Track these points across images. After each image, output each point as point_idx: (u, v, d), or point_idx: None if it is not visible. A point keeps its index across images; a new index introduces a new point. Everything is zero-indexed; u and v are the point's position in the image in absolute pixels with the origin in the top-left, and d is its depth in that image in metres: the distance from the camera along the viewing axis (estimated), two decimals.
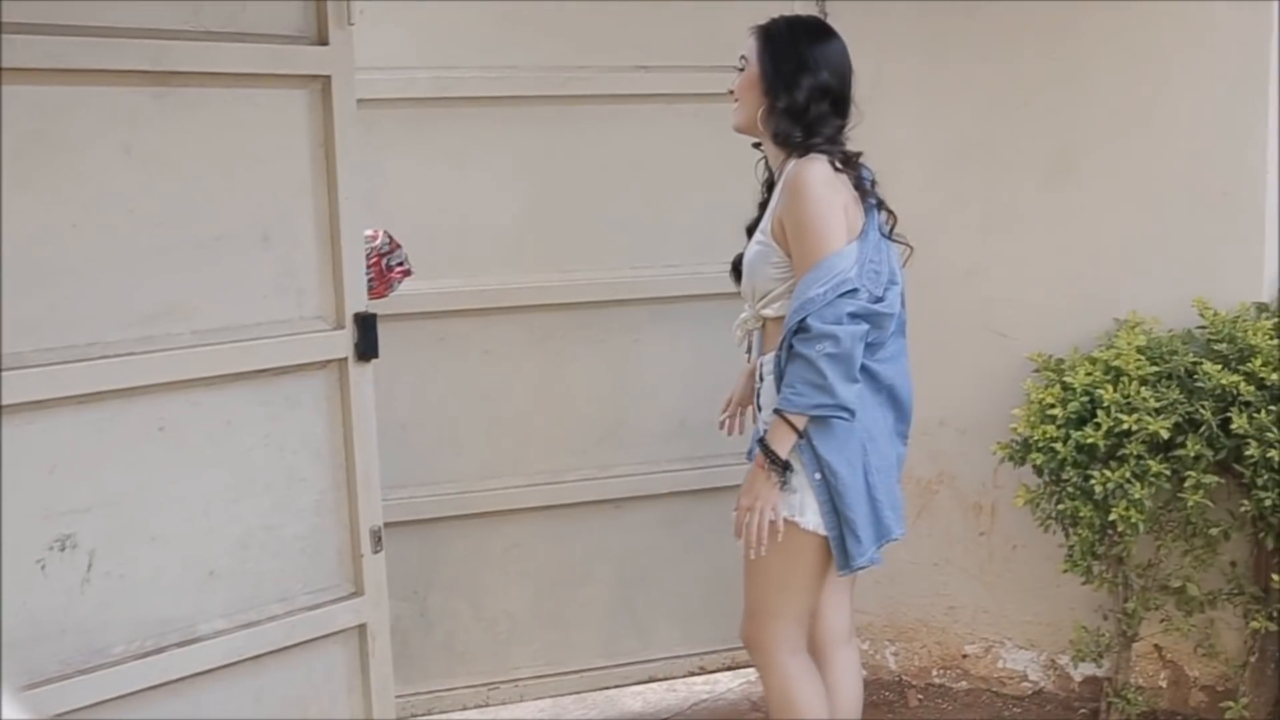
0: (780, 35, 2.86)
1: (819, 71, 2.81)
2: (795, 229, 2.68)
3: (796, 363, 2.62)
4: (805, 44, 2.84)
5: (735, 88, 2.89)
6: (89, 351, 2.37)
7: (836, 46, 2.88)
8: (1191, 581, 3.42)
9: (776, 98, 2.80)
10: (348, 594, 2.77)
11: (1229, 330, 3.37)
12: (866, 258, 2.72)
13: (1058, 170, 3.69)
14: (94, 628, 2.43)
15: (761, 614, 2.82)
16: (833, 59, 2.85)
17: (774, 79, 2.81)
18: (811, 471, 2.67)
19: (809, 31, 2.89)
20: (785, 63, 2.82)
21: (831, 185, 2.71)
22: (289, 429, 2.66)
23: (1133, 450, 3.21)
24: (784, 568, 2.75)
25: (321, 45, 2.59)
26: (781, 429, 2.65)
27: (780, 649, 2.81)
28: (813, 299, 2.60)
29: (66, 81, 2.29)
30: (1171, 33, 3.57)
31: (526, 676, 3.86)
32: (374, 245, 3.02)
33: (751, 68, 2.85)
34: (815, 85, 2.80)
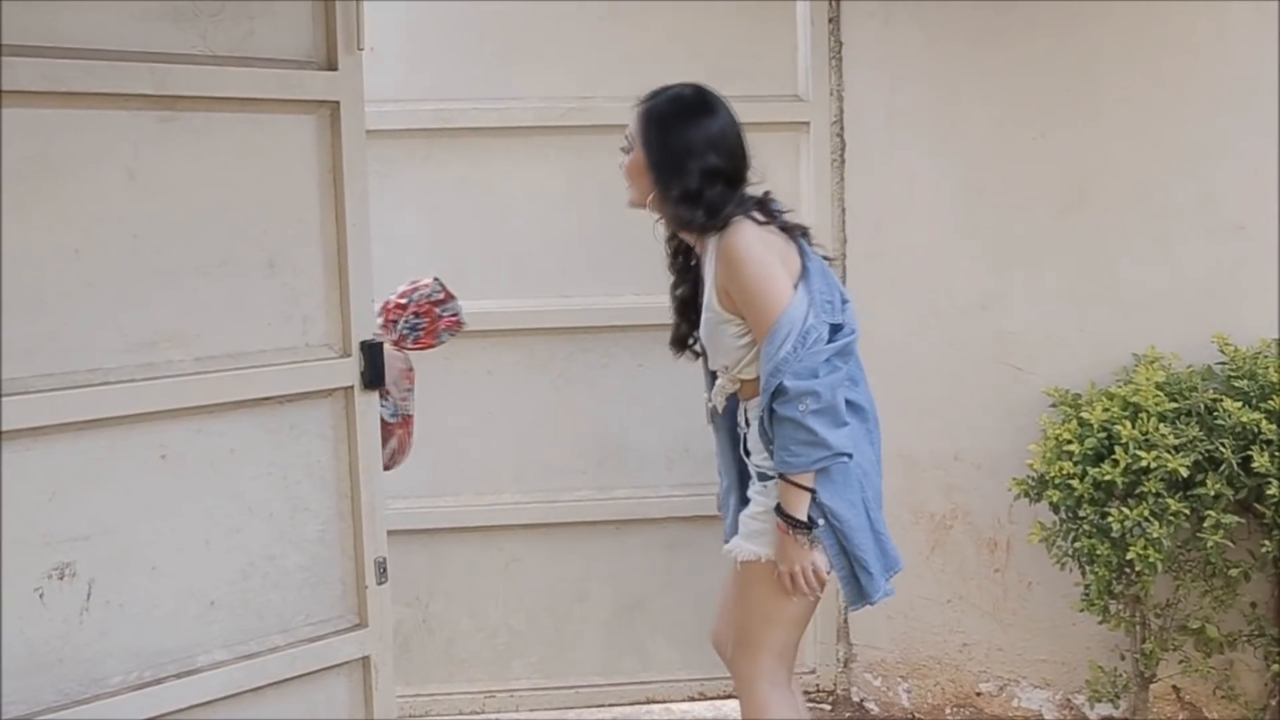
0: (660, 121, 2.79)
1: (706, 155, 2.75)
2: (742, 297, 2.70)
3: (784, 425, 2.64)
4: (687, 128, 2.77)
5: (624, 169, 2.86)
6: (90, 378, 2.34)
7: (720, 121, 2.80)
8: (1211, 622, 3.38)
9: (668, 187, 2.76)
10: (351, 626, 2.73)
11: (1250, 367, 3.33)
12: (816, 294, 2.73)
13: (1073, 202, 3.66)
14: (92, 657, 2.40)
15: (746, 646, 2.87)
16: (717, 137, 2.78)
17: (661, 168, 2.77)
18: (815, 519, 2.70)
19: (689, 112, 2.80)
20: (670, 151, 2.77)
21: (763, 243, 2.71)
22: (293, 458, 2.62)
23: (1151, 488, 3.16)
24: (775, 604, 2.80)
25: (330, 70, 2.56)
26: (791, 492, 2.68)
27: (761, 680, 2.85)
28: (785, 359, 2.62)
29: (69, 105, 2.26)
30: (1188, 65, 3.55)
31: (524, 688, 3.98)
32: (424, 293, 3.04)
33: (637, 153, 2.82)
34: (704, 169, 2.75)
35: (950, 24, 3.71)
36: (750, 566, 2.81)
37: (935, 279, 3.80)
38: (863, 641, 4.01)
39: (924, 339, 3.82)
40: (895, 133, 3.78)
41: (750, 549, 2.80)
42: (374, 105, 3.22)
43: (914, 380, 3.84)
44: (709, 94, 2.84)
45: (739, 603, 2.87)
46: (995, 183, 3.72)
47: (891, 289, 3.83)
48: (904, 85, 3.76)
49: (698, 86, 2.85)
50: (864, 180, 3.82)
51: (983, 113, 3.71)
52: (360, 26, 2.58)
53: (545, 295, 3.80)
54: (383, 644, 2.74)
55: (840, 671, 4.04)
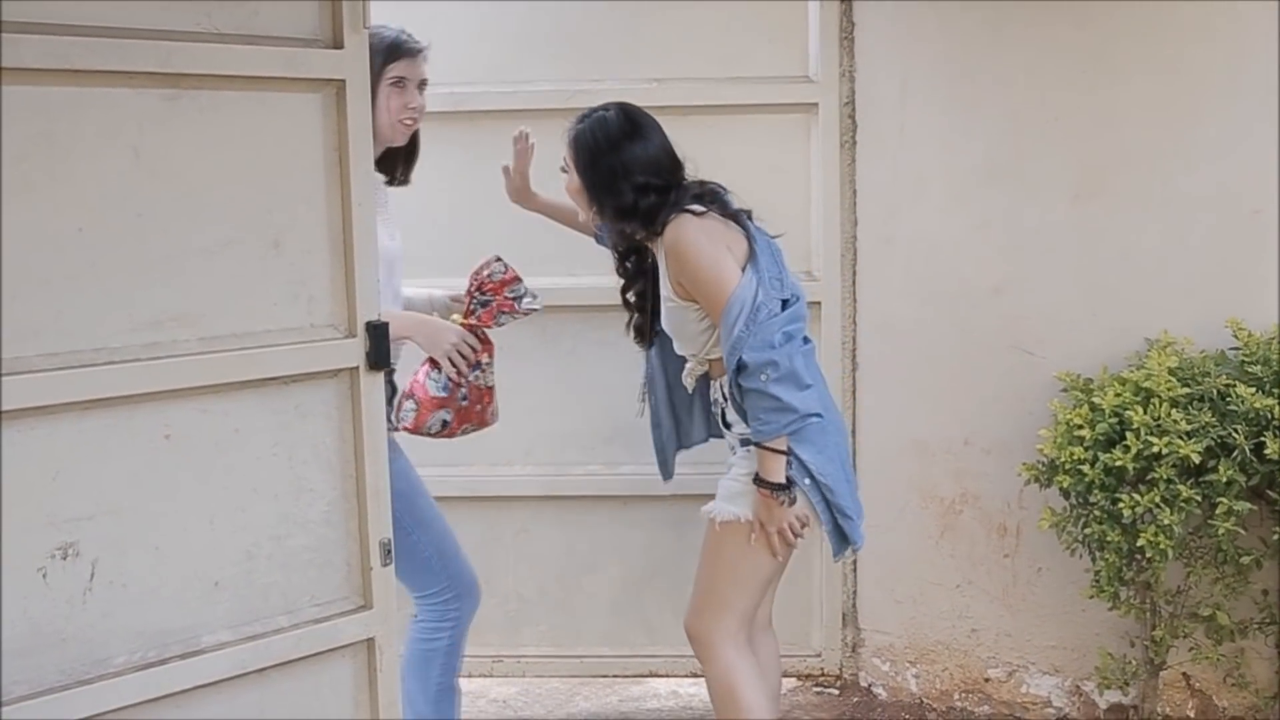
0: (589, 148, 2.99)
1: (634, 175, 2.94)
2: (693, 285, 2.89)
3: (751, 397, 2.82)
4: (615, 152, 2.96)
5: (566, 190, 3.09)
6: (94, 357, 2.33)
7: (645, 141, 2.98)
8: (1221, 610, 3.36)
9: (603, 206, 2.98)
10: (356, 607, 2.71)
11: (1264, 352, 3.31)
12: (764, 273, 2.87)
13: (1086, 187, 3.63)
14: (95, 637, 2.39)
15: (711, 607, 3.01)
16: (643, 157, 2.96)
17: (594, 190, 2.98)
18: (801, 478, 2.88)
19: (614, 137, 2.97)
20: (600, 174, 2.97)
21: (706, 232, 2.89)
22: (298, 438, 2.61)
23: (1163, 474, 3.14)
24: (744, 562, 2.97)
25: (336, 49, 2.54)
26: (768, 458, 2.86)
27: (725, 642, 3.00)
28: (740, 336, 2.80)
29: (73, 83, 2.24)
30: (1204, 51, 3.52)
31: (531, 655, 4.17)
32: (488, 272, 3.13)
33: (572, 177, 3.03)
34: (635, 186, 2.94)
35: (965, 6, 3.68)
36: (728, 527, 2.96)
37: (947, 262, 3.77)
38: (871, 626, 4.00)
39: (935, 323, 3.80)
40: (908, 115, 3.75)
41: (730, 510, 2.97)
42: None
43: (925, 364, 3.82)
44: (633, 113, 3.02)
45: (709, 563, 3.02)
46: (1009, 167, 3.70)
47: (903, 272, 3.81)
48: (917, 67, 3.73)
49: (622, 107, 3.03)
50: (876, 163, 3.80)
51: (997, 96, 3.68)
52: (366, 5, 2.56)
53: (556, 274, 3.85)
54: (387, 625, 2.73)
55: (848, 656, 4.04)
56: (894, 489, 3.90)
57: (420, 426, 3.11)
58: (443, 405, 3.10)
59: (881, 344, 3.87)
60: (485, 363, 3.17)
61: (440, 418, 3.11)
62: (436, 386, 3.10)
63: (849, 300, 3.88)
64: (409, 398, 3.12)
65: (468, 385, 3.12)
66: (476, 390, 3.14)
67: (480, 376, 3.15)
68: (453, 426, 3.14)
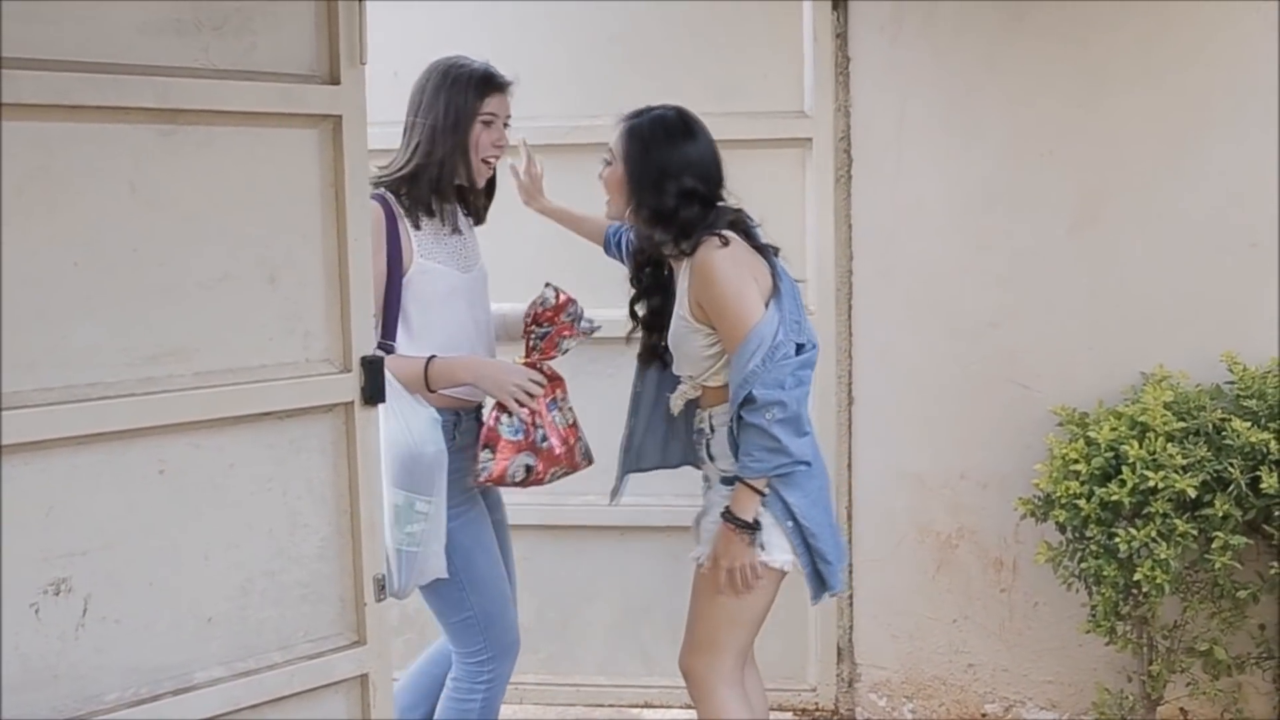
0: (642, 140, 2.92)
1: (682, 176, 2.88)
2: (715, 312, 2.85)
3: (750, 431, 2.80)
4: (667, 149, 2.90)
5: (603, 180, 3.01)
6: (89, 392, 2.32)
7: (699, 145, 2.93)
8: (1219, 644, 3.34)
9: (643, 204, 2.91)
10: (350, 643, 2.70)
11: (1259, 386, 3.31)
12: (786, 313, 2.86)
13: (1083, 219, 3.64)
14: (87, 673, 2.37)
15: (708, 647, 2.99)
16: (695, 160, 2.91)
17: (639, 185, 2.91)
18: (784, 520, 2.86)
19: (670, 134, 2.92)
20: (649, 170, 2.90)
21: (735, 260, 2.84)
22: (293, 473, 2.60)
23: (1159, 508, 3.14)
24: (741, 603, 2.93)
25: (333, 85, 2.54)
26: (745, 494, 2.84)
27: (722, 682, 2.98)
28: (754, 371, 2.77)
29: (70, 118, 2.25)
30: (1199, 81, 3.53)
31: (529, 682, 4.19)
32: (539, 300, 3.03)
33: (617, 168, 2.95)
34: (681, 190, 2.88)
35: (959, 40, 3.70)
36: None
37: (943, 296, 3.78)
38: (867, 661, 3.99)
39: (931, 356, 3.81)
40: (903, 148, 3.77)
41: None
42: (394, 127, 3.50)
43: (921, 398, 3.82)
44: (690, 117, 2.97)
45: (702, 606, 2.99)
46: (1005, 199, 3.71)
47: (899, 306, 3.82)
48: (913, 101, 3.74)
49: (679, 109, 2.98)
50: (871, 196, 3.81)
51: (992, 129, 3.70)
52: (363, 41, 2.57)
53: None
54: (381, 661, 2.71)
55: (844, 691, 4.02)
56: (890, 523, 3.90)
57: (503, 475, 2.98)
58: (521, 450, 2.98)
59: (878, 377, 3.87)
60: (560, 398, 3.07)
61: (523, 463, 2.99)
62: (511, 430, 2.98)
63: (845, 333, 3.89)
64: (485, 446, 2.99)
65: (545, 426, 3.01)
66: (558, 431, 3.05)
67: (559, 415, 3.06)
68: (539, 472, 3.02)
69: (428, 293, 2.99)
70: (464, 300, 3.06)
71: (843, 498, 3.93)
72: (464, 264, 3.09)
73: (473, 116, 3.00)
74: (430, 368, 2.94)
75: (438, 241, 3.04)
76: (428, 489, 2.85)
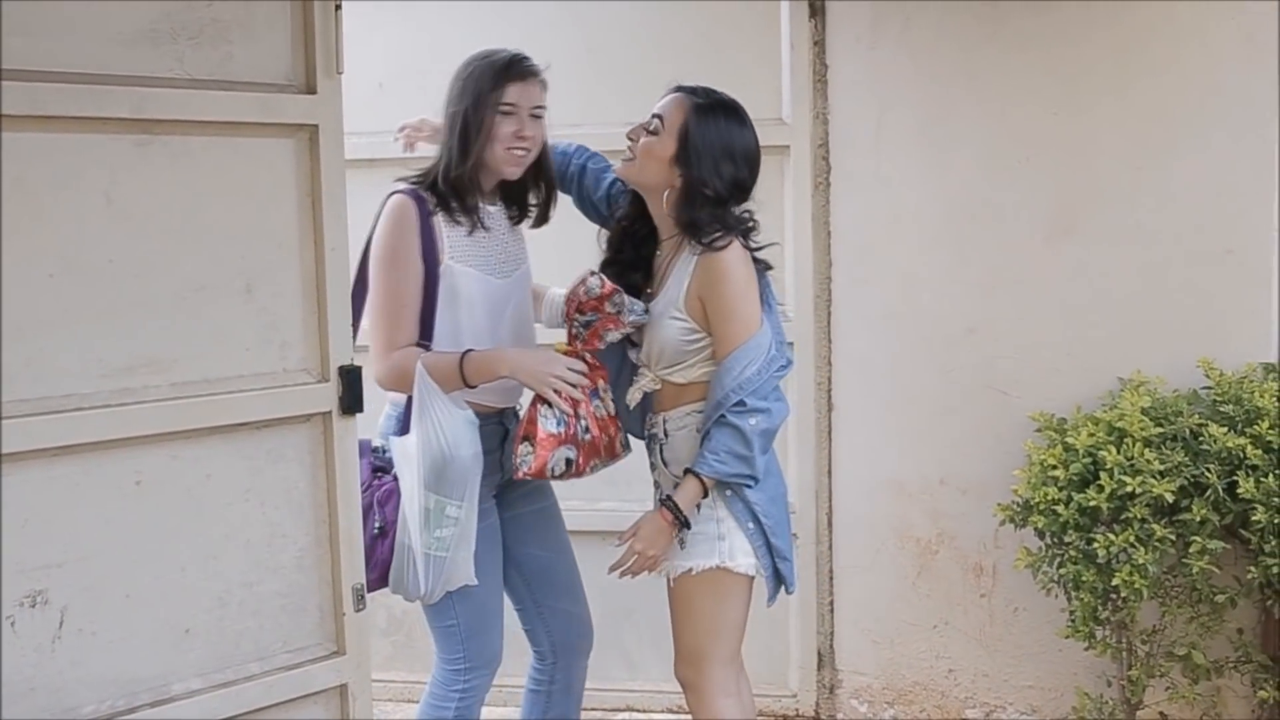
0: (708, 118, 2.84)
1: (740, 165, 2.84)
2: (720, 313, 2.80)
3: (727, 431, 2.76)
4: (731, 133, 2.84)
5: (637, 145, 2.89)
6: (64, 403, 2.32)
7: (754, 136, 2.89)
8: (1197, 649, 3.36)
9: (694, 185, 2.82)
10: (328, 653, 2.70)
11: (1235, 391, 3.32)
12: (775, 327, 2.86)
13: (1060, 226, 3.65)
14: (64, 686, 2.36)
15: (697, 658, 2.95)
16: (751, 151, 2.87)
17: (697, 165, 2.81)
18: (746, 521, 2.84)
19: (733, 118, 2.86)
20: (709, 151, 2.82)
21: (747, 265, 2.83)
22: (270, 484, 2.60)
23: (1136, 514, 3.15)
24: (718, 612, 2.90)
25: (310, 94, 2.54)
26: (694, 489, 2.81)
27: (719, 693, 2.94)
28: (750, 378, 2.76)
29: (45, 129, 2.24)
30: (1174, 91, 3.55)
31: (513, 685, 4.01)
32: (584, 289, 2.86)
33: (667, 140, 2.84)
34: (736, 179, 2.84)
35: (937, 48, 3.71)
36: (686, 581, 2.89)
37: (922, 303, 3.79)
38: (848, 667, 3.99)
39: (911, 363, 3.82)
40: (882, 156, 3.78)
41: (686, 564, 2.88)
42: (377, 137, 3.61)
43: (901, 405, 3.83)
44: (744, 110, 2.92)
45: (684, 620, 2.95)
46: (983, 207, 3.72)
47: (878, 313, 3.83)
48: (891, 109, 3.76)
49: (736, 101, 2.92)
50: (850, 204, 3.82)
51: (970, 137, 3.71)
52: (339, 50, 2.57)
53: None
54: (360, 671, 2.71)
55: (825, 697, 4.02)
56: (870, 529, 3.90)
57: (543, 469, 2.85)
58: (563, 442, 2.85)
59: (857, 384, 3.88)
60: (602, 388, 2.95)
61: (563, 456, 2.86)
62: (552, 423, 2.84)
63: (824, 341, 3.89)
64: (523, 440, 2.85)
65: (587, 417, 2.89)
66: (599, 421, 2.92)
67: (600, 405, 2.93)
68: (579, 464, 2.89)
69: (447, 294, 2.88)
70: (484, 307, 2.92)
71: (823, 504, 3.94)
72: (496, 267, 2.96)
73: (490, 105, 2.86)
74: (465, 363, 2.82)
75: (471, 242, 2.91)
76: (460, 493, 2.80)
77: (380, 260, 2.85)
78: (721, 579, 2.86)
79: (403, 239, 2.83)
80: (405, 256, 2.83)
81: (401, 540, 2.82)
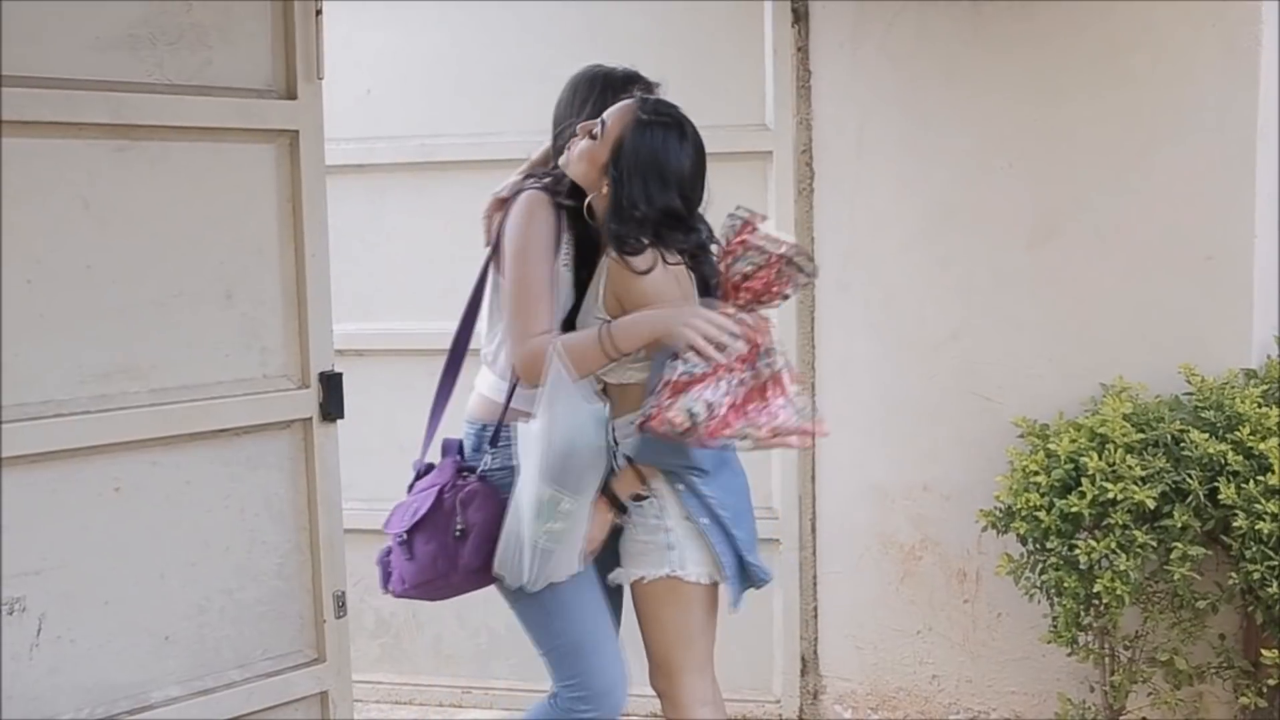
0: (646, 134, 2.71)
1: (671, 191, 2.71)
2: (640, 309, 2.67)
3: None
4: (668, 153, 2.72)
5: (575, 146, 2.76)
6: (42, 410, 2.32)
7: (691, 160, 2.75)
8: (1179, 654, 3.35)
9: (623, 203, 2.70)
10: (309, 660, 2.70)
11: (1217, 397, 3.32)
12: None
13: (1042, 233, 3.65)
14: (42, 694, 2.36)
15: (669, 668, 2.89)
16: (685, 176, 2.74)
17: (626, 182, 2.70)
18: (700, 517, 2.73)
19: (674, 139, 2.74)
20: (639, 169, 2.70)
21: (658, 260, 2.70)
22: (250, 490, 2.59)
23: (1118, 520, 3.15)
24: (677, 622, 2.83)
25: (290, 100, 2.55)
26: (630, 477, 2.71)
27: (693, 703, 2.88)
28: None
29: (23, 134, 2.24)
30: (1156, 98, 3.55)
31: (501, 687, 4.25)
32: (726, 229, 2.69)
33: (602, 147, 2.72)
34: (667, 207, 2.71)
35: (919, 54, 3.71)
36: (641, 591, 2.82)
37: (905, 309, 3.79)
38: (832, 673, 3.99)
39: (894, 369, 3.81)
40: (865, 162, 3.78)
41: (637, 572, 2.81)
42: (366, 143, 3.93)
43: (884, 410, 3.83)
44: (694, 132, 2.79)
45: (648, 632, 2.88)
46: (965, 214, 3.72)
47: (861, 319, 3.82)
48: (874, 114, 3.76)
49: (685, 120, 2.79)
50: (833, 209, 3.82)
51: (953, 143, 3.71)
52: (320, 56, 2.57)
53: None
54: (341, 678, 2.71)
55: (809, 703, 4.02)
56: (854, 535, 3.90)
57: (661, 419, 2.54)
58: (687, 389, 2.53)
59: (840, 390, 3.88)
60: (768, 349, 2.61)
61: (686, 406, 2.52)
62: (681, 371, 2.55)
63: (807, 346, 3.89)
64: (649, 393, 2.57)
65: (735, 377, 2.57)
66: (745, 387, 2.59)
67: (766, 366, 2.60)
68: (711, 425, 2.54)
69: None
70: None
71: (806, 510, 3.93)
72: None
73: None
74: (609, 332, 2.68)
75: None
76: (576, 488, 2.68)
77: (517, 251, 2.73)
78: (675, 588, 2.79)
79: (538, 230, 2.72)
80: (542, 246, 2.72)
81: (512, 526, 2.70)
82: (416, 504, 2.72)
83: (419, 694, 4.28)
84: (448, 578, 2.70)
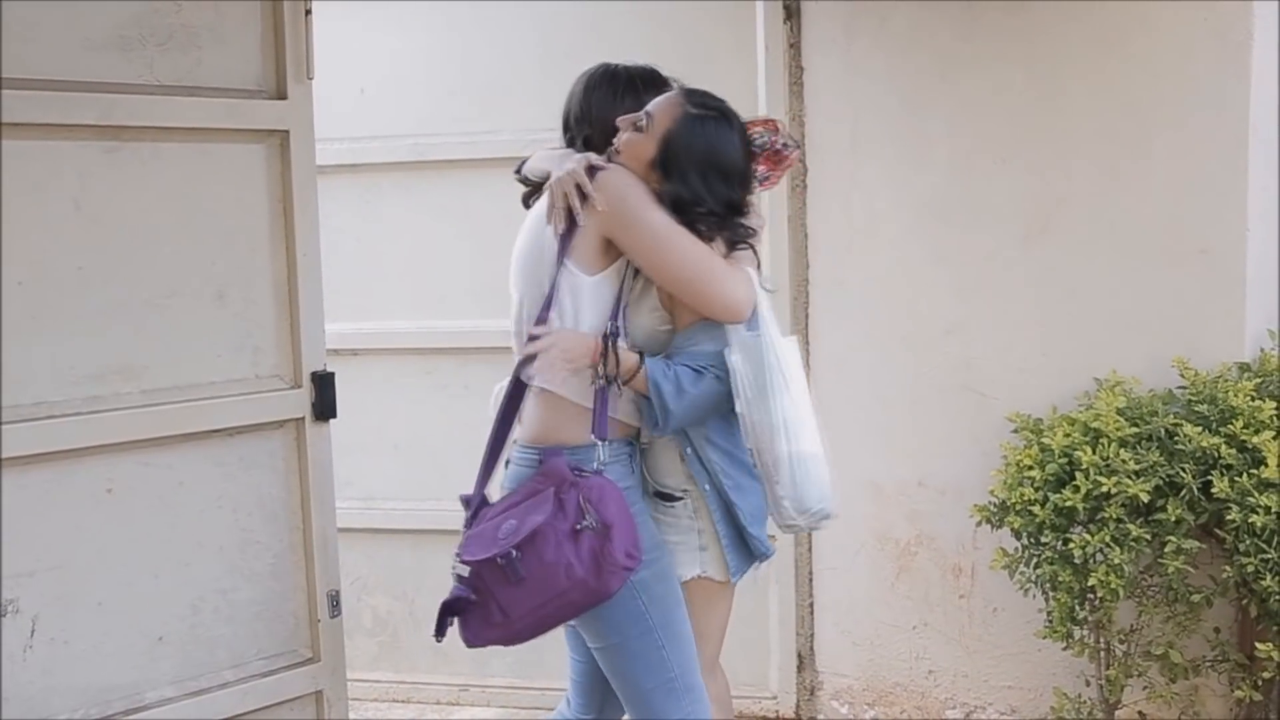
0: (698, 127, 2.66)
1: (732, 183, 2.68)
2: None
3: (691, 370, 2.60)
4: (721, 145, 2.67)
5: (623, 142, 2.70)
6: (35, 411, 2.32)
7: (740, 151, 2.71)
8: (1174, 648, 3.36)
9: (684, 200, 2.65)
10: (303, 660, 2.70)
11: (1210, 391, 3.32)
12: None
13: (1035, 228, 3.65)
14: (36, 695, 2.36)
15: None
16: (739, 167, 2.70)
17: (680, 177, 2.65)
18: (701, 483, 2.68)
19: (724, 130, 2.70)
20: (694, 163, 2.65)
21: None
22: (243, 490, 2.60)
23: (1112, 513, 3.15)
24: (699, 621, 2.78)
25: (280, 100, 2.55)
26: (633, 362, 2.59)
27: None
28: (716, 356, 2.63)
29: (13, 136, 2.24)
30: (1150, 91, 3.55)
31: (498, 685, 4.27)
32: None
33: (649, 142, 2.67)
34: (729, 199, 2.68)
35: (913, 50, 3.71)
36: None
37: (899, 305, 3.79)
38: (829, 669, 3.99)
39: (888, 365, 3.82)
40: (858, 158, 3.78)
41: None
42: (359, 142, 3.97)
43: (878, 406, 3.83)
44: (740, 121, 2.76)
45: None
46: (959, 209, 3.72)
47: (856, 314, 3.83)
48: (866, 110, 3.76)
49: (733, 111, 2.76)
50: (827, 205, 3.82)
51: (946, 138, 3.71)
52: (310, 55, 2.57)
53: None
54: (335, 677, 2.71)
55: (806, 699, 4.02)
56: (849, 531, 3.90)
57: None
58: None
59: (835, 386, 3.87)
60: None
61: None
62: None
63: (802, 342, 3.88)
64: None
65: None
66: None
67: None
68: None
69: None
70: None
71: None
72: None
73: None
74: None
75: None
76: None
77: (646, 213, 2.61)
78: (705, 587, 2.79)
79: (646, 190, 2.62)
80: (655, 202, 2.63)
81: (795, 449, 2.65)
82: (512, 519, 2.49)
83: (416, 692, 4.29)
84: (585, 584, 2.47)
